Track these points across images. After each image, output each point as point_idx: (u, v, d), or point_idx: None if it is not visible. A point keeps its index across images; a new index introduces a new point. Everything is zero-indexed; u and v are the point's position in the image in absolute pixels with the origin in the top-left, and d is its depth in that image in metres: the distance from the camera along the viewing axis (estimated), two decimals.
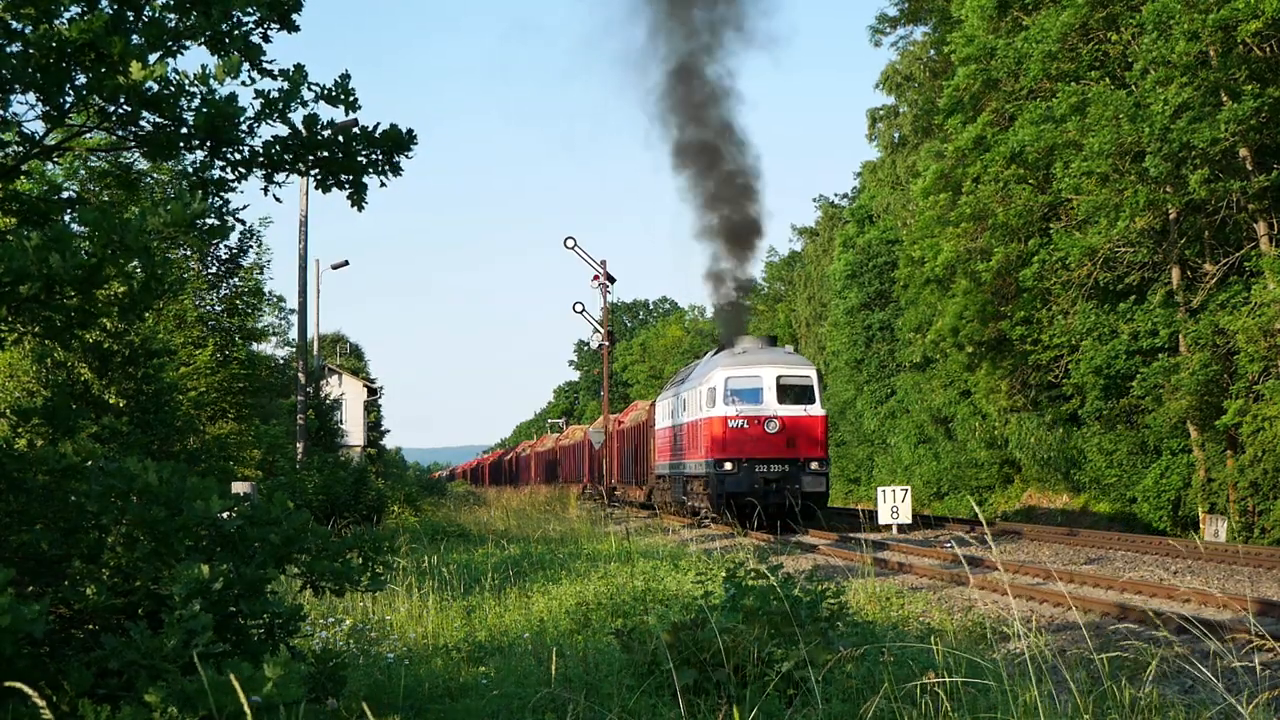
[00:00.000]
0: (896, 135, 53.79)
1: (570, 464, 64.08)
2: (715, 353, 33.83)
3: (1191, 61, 23.93)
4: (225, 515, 5.54)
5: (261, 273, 28.74)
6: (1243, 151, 24.96)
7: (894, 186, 52.64)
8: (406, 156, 6.21)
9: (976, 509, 6.12)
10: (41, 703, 3.70)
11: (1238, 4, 22.76)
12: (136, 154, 6.46)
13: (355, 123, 6.51)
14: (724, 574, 9.24)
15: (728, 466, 28.36)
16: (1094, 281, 29.13)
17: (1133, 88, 26.18)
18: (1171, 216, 27.45)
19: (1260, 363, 24.17)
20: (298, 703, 4.62)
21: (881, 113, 54.51)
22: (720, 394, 29.09)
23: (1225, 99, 24.27)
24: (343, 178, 6.13)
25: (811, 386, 29.20)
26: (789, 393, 28.97)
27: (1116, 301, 29.39)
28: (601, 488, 51.17)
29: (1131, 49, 26.70)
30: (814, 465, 28.38)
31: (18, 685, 3.84)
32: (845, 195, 68.14)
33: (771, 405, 28.73)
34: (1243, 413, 24.42)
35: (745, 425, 28.55)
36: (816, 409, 29.00)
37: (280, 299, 36.04)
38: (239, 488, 11.03)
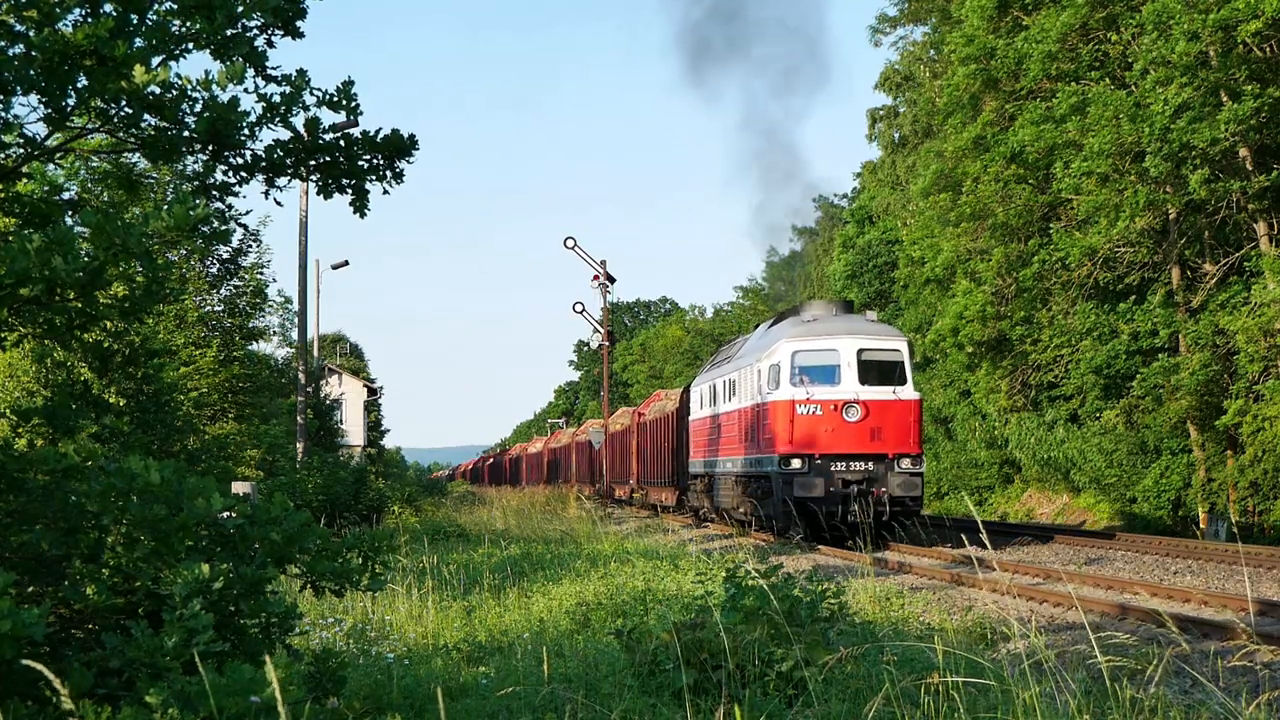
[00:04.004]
0: (896, 135, 53.86)
1: (580, 462, 60.73)
2: (774, 322, 27.50)
3: (1191, 61, 23.94)
4: (225, 515, 5.55)
5: (262, 273, 28.79)
6: (1243, 151, 24.97)
7: (894, 187, 52.69)
8: (408, 162, 6.21)
9: (973, 509, 6.14)
10: (65, 691, 3.72)
11: (1238, 4, 22.76)
12: (137, 155, 6.48)
13: (355, 123, 6.52)
14: (724, 574, 9.25)
15: (795, 464, 23.03)
16: (1094, 281, 29.15)
17: (1133, 88, 26.19)
18: (1171, 216, 27.47)
19: (1260, 363, 24.18)
20: (299, 703, 4.63)
21: (881, 113, 54.60)
22: (786, 372, 23.64)
23: (1225, 99, 24.28)
24: (344, 183, 6.14)
25: (902, 363, 23.74)
26: (873, 370, 23.53)
27: (1116, 301, 29.41)
28: (599, 487, 51.15)
29: (1131, 49, 26.71)
30: (905, 463, 23.03)
31: (35, 666, 3.85)
32: (845, 195, 68.23)
33: (851, 386, 23.31)
34: (1243, 413, 24.43)
35: (818, 412, 23.20)
36: (908, 391, 23.57)
37: (287, 300, 36.03)
38: (239, 488, 11.04)
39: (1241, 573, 17.69)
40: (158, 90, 5.49)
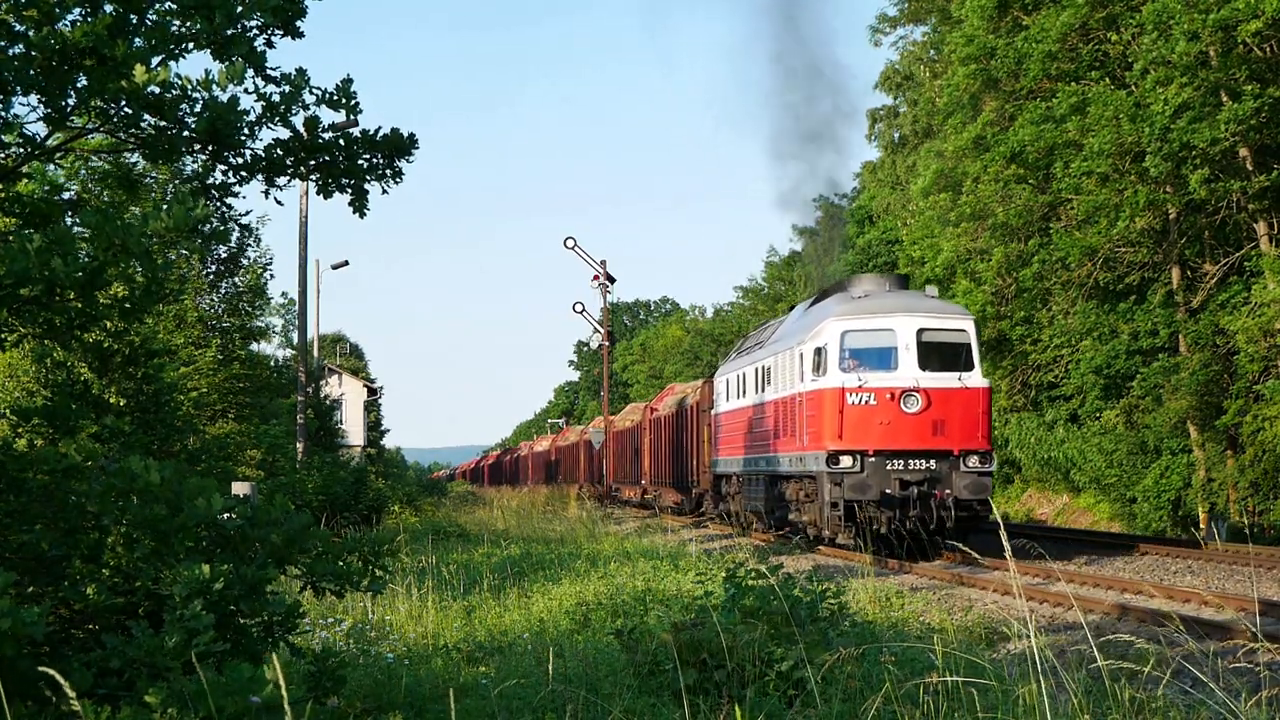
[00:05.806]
0: (896, 135, 53.87)
1: (584, 461, 57.77)
2: (816, 300, 24.30)
3: (1191, 61, 23.93)
4: (225, 516, 5.55)
5: (263, 273, 28.80)
6: (1243, 151, 24.96)
7: (894, 186, 52.69)
8: (408, 161, 6.21)
9: (995, 513, 6.14)
10: (73, 694, 3.72)
11: (1238, 4, 22.75)
12: (137, 155, 6.48)
13: (355, 122, 6.52)
14: (724, 574, 9.26)
15: (845, 462, 20.04)
16: (1094, 281, 29.15)
17: (1133, 88, 26.19)
18: (1171, 216, 27.47)
19: (1260, 363, 24.18)
20: (299, 702, 4.63)
21: (881, 113, 54.60)
22: (834, 356, 20.58)
23: (1225, 99, 24.28)
24: (344, 183, 6.14)
25: (968, 344, 20.74)
26: (935, 354, 20.54)
27: (1116, 301, 29.42)
28: (600, 488, 51.15)
29: (1131, 49, 26.71)
30: (973, 461, 20.26)
31: (47, 671, 3.86)
32: (845, 195, 68.19)
33: (910, 372, 20.31)
34: (1243, 413, 24.44)
35: (872, 401, 20.19)
36: (976, 378, 20.66)
37: (291, 301, 36.00)
38: (239, 488, 11.03)
39: (1241, 572, 17.69)
40: (157, 90, 5.50)
